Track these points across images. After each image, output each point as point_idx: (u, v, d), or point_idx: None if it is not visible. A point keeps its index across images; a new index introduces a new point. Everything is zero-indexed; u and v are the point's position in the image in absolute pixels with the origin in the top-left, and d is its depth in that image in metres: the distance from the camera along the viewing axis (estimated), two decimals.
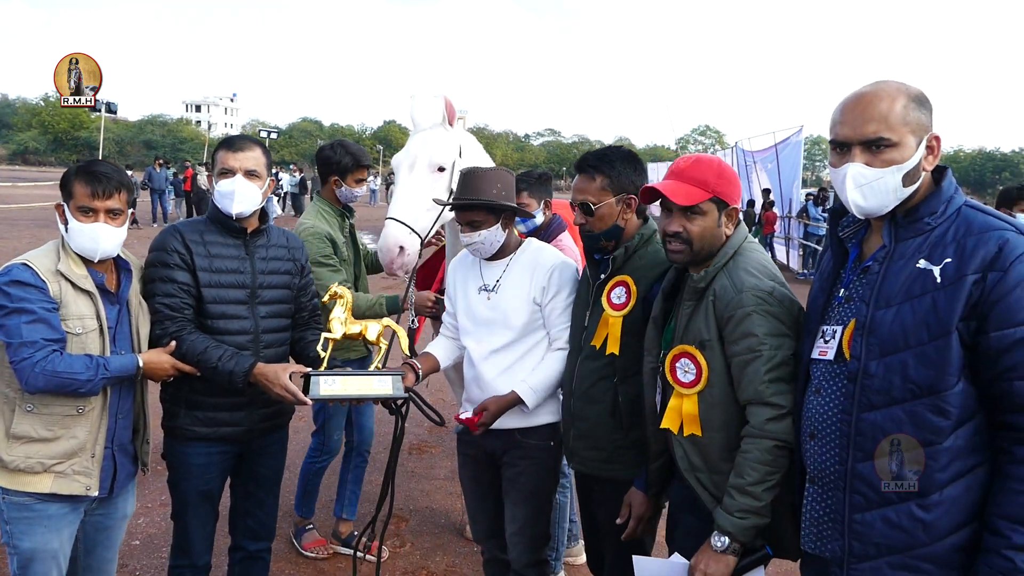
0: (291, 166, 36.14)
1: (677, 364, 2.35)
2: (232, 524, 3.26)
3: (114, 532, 2.89)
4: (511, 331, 2.95)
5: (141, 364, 2.68)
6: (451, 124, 3.49)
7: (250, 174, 2.89)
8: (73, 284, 2.58)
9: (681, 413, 2.34)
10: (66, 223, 2.61)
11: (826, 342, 2.04)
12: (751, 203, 20.73)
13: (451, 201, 2.97)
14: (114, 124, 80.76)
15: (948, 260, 1.82)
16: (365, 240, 4.46)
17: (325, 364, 2.95)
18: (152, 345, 2.80)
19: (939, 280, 1.81)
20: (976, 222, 1.85)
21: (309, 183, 30.30)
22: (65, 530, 2.66)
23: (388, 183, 34.01)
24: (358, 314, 3.46)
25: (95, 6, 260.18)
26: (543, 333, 2.99)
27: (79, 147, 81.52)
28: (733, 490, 2.18)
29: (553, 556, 3.53)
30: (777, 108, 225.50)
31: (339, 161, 3.94)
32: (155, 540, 4.37)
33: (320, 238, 3.74)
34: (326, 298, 3.07)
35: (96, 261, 2.66)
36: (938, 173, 1.97)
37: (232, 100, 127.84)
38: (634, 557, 2.47)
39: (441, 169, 3.40)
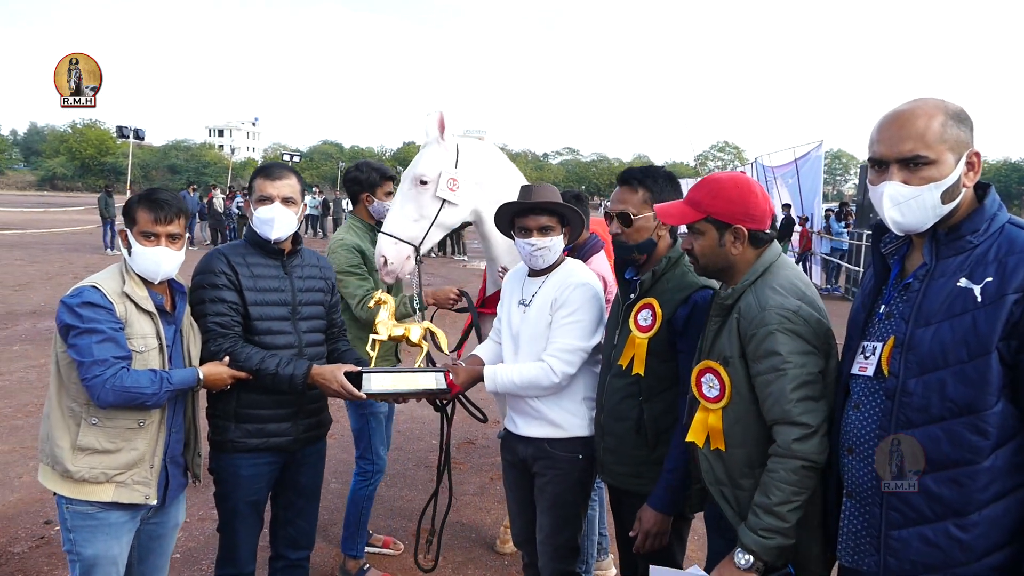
0: (313, 188, 36.49)
1: (703, 379, 2.38)
2: (273, 534, 3.37)
3: (166, 540, 3.01)
4: (536, 343, 3.05)
5: (202, 376, 2.82)
6: (442, 137, 3.69)
7: (287, 201, 3.06)
8: (136, 305, 2.73)
9: (707, 427, 2.36)
10: (129, 248, 2.75)
11: (866, 358, 2.03)
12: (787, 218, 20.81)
13: (531, 202, 3.07)
14: (139, 149, 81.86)
15: (989, 279, 1.79)
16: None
17: (373, 364, 3.17)
18: (207, 361, 2.94)
19: (980, 299, 1.79)
20: (1019, 240, 1.82)
21: (331, 204, 30.62)
22: (124, 537, 2.79)
23: None
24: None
25: (119, 34, 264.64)
26: None
27: (105, 172, 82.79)
28: (759, 509, 2.17)
29: (583, 569, 3.59)
30: (797, 123, 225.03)
31: (367, 178, 4.17)
32: (194, 553, 4.49)
33: (348, 249, 3.96)
34: (371, 303, 3.31)
35: (156, 283, 2.81)
36: (981, 190, 1.94)
37: (254, 124, 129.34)
38: (651, 567, 2.49)
39: (423, 182, 3.64)
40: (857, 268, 17.23)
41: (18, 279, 15.75)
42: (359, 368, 3.04)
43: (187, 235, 2.92)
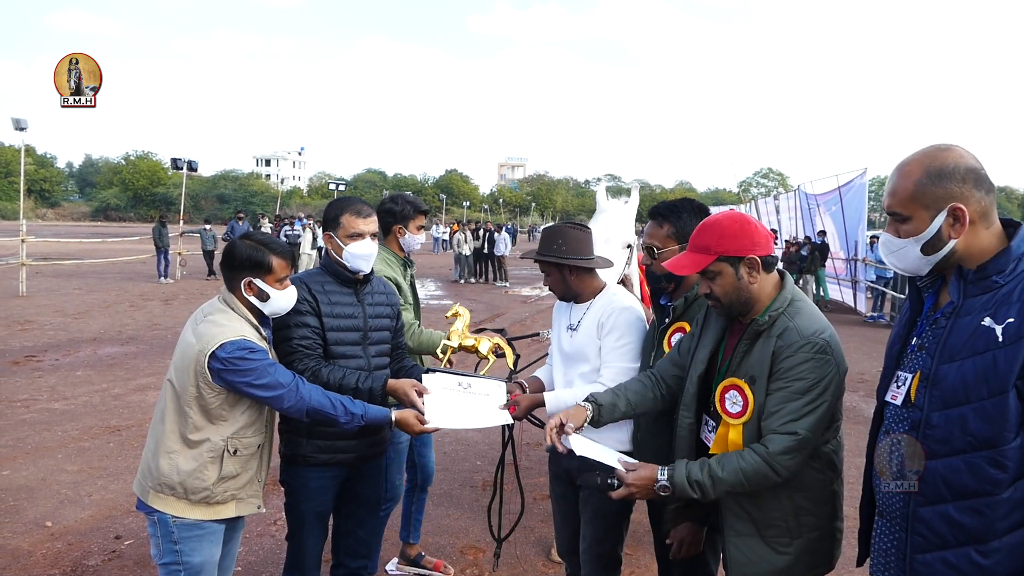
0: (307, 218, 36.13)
1: (727, 395, 2.52)
2: (335, 543, 3.60)
3: (235, 543, 3.25)
4: (585, 364, 3.26)
5: (394, 418, 3.12)
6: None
7: (374, 236, 3.35)
8: (263, 341, 3.01)
9: (727, 442, 2.51)
10: (258, 294, 2.98)
11: (898, 387, 2.10)
12: (813, 245, 20.87)
13: (529, 253, 3.40)
14: (190, 180, 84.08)
15: (1011, 320, 1.83)
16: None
17: (443, 365, 3.49)
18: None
19: (1001, 339, 1.84)
20: None
21: None
22: (220, 541, 3.05)
23: (452, 232, 34.47)
24: (430, 348, 4.01)
25: (168, 67, 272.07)
26: None
27: (157, 203, 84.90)
28: (708, 472, 2.41)
29: None
30: (843, 150, 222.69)
31: (400, 210, 4.26)
32: (255, 567, 4.73)
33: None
34: (449, 314, 3.61)
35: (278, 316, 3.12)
36: (1012, 228, 1.99)
37: (300, 154, 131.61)
38: (571, 438, 2.74)
39: (628, 246, 4.26)
40: (902, 296, 17.07)
41: (77, 307, 16.32)
42: (428, 369, 3.31)
43: None
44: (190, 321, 3.02)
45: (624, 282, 4.27)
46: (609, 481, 2.53)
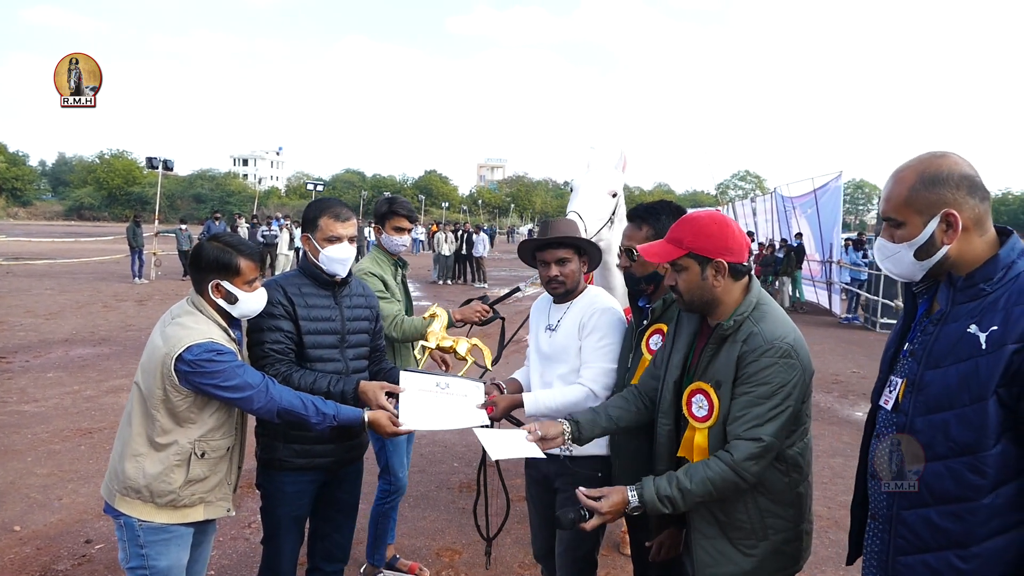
0: (284, 218, 35.53)
1: (693, 399, 2.53)
2: (311, 547, 3.55)
3: (206, 547, 3.22)
4: (564, 365, 3.26)
5: (367, 419, 3.07)
6: (623, 169, 4.61)
7: (351, 239, 3.31)
8: (232, 343, 2.98)
9: (693, 446, 2.52)
10: (226, 296, 2.95)
11: (890, 392, 2.11)
12: (789, 247, 21.02)
13: (543, 239, 3.30)
14: (166, 179, 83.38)
15: (995, 328, 1.85)
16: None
17: (422, 366, 3.47)
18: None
19: (984, 346, 1.85)
20: None
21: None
22: (188, 545, 3.01)
23: (432, 232, 34.41)
24: (415, 335, 4.00)
25: (145, 65, 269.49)
26: None
27: (132, 202, 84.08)
28: (677, 485, 2.41)
29: None
30: (819, 152, 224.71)
31: (377, 209, 4.34)
32: (229, 570, 4.68)
33: (371, 277, 4.13)
34: (427, 315, 3.64)
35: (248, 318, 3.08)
36: (1005, 235, 2.00)
37: (278, 154, 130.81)
38: (476, 431, 2.90)
39: (613, 195, 4.38)
40: (875, 297, 17.26)
41: (49, 308, 16.07)
42: (402, 369, 3.30)
43: None
44: (159, 323, 2.99)
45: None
46: (582, 512, 2.51)
